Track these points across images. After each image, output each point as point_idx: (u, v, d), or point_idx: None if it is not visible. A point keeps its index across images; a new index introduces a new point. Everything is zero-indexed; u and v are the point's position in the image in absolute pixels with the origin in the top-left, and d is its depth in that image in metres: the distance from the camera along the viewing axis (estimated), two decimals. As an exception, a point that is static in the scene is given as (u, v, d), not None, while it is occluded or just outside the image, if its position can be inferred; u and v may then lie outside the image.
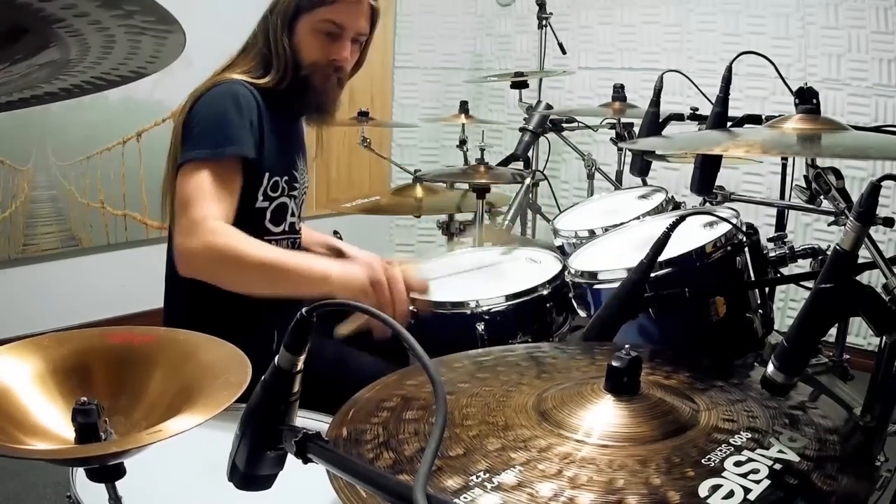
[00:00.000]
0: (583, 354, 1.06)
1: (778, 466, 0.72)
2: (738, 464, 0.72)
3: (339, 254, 1.89)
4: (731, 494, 0.68)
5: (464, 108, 3.03)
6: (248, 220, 1.57)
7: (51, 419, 0.92)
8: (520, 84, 3.20)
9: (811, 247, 1.51)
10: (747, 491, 0.68)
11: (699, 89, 1.83)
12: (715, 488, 0.68)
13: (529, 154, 3.01)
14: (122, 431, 0.92)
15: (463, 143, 3.22)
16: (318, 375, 0.78)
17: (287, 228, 1.66)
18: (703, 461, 0.73)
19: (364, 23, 1.62)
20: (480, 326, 1.54)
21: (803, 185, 1.39)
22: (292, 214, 1.68)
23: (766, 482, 0.70)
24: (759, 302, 1.46)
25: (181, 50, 0.80)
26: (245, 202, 1.56)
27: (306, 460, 0.70)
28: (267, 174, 1.58)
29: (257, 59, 1.60)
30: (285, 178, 1.64)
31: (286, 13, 1.56)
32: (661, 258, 1.20)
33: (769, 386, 0.87)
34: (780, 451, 0.75)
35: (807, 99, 1.11)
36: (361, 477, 0.64)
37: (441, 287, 1.71)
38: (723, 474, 0.70)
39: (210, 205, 1.41)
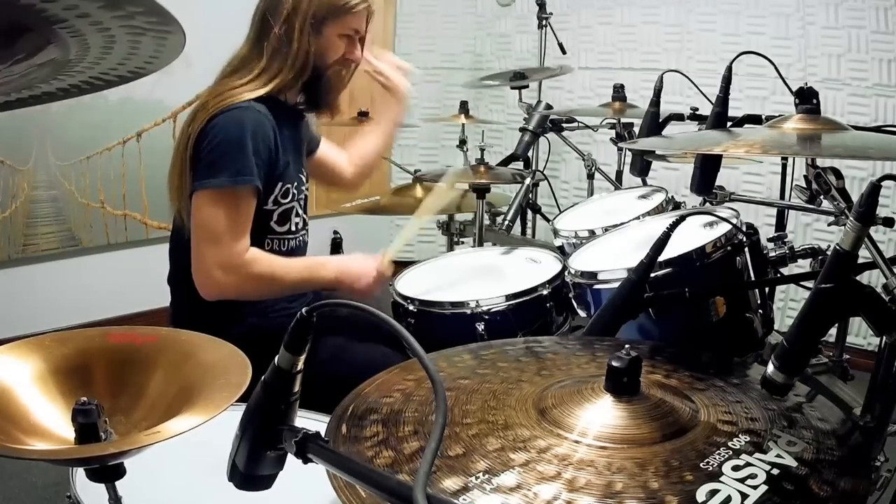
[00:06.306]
0: (583, 350, 1.06)
1: (775, 472, 0.72)
2: (736, 468, 0.72)
3: None
4: (728, 500, 0.67)
5: (464, 108, 3.02)
6: (253, 221, 1.58)
7: (51, 419, 0.92)
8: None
9: (811, 247, 1.51)
10: (744, 497, 0.68)
11: (699, 89, 1.82)
12: (713, 493, 0.68)
13: (529, 154, 3.01)
14: (123, 431, 0.92)
15: (463, 143, 3.21)
16: (312, 376, 0.78)
17: (293, 228, 1.68)
18: (701, 465, 0.72)
19: (367, 25, 1.70)
20: (480, 326, 1.54)
21: (803, 185, 1.38)
22: (297, 215, 1.69)
23: (764, 488, 0.69)
24: (759, 302, 1.46)
25: (181, 50, 0.80)
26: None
27: (306, 460, 0.70)
28: (279, 184, 1.61)
29: (265, 56, 1.59)
30: (295, 183, 1.67)
31: (315, 17, 1.58)
32: (661, 258, 1.20)
33: (769, 386, 0.87)
34: (778, 456, 0.75)
35: (807, 99, 1.11)
36: (361, 477, 0.64)
37: (441, 287, 1.71)
38: (721, 479, 0.70)
39: (239, 239, 1.52)
